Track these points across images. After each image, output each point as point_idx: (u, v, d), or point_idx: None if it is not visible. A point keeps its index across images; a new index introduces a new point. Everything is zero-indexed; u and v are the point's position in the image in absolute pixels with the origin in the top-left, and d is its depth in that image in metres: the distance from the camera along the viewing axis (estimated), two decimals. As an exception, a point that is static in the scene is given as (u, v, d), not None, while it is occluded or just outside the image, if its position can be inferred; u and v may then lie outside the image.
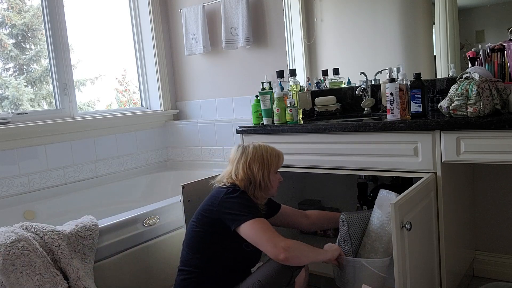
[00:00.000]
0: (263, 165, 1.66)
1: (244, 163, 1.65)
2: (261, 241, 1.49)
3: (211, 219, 1.58)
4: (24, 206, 2.37)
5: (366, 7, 2.37)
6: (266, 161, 1.67)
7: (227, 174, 1.69)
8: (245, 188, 1.64)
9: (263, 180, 1.65)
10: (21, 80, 2.62)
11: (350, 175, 2.14)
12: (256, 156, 1.66)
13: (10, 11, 2.62)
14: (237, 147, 1.72)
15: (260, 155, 1.67)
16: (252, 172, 1.64)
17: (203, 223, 1.59)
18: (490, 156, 1.58)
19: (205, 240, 1.58)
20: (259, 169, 1.65)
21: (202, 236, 1.59)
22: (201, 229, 1.59)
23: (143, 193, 2.94)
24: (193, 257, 1.59)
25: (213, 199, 1.61)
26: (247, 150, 1.68)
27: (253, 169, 1.64)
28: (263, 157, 1.67)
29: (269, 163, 1.68)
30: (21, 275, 1.52)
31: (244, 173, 1.64)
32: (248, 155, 1.67)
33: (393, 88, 1.78)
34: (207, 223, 1.59)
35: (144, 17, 3.18)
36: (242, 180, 1.64)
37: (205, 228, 1.58)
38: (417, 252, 1.54)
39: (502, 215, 2.11)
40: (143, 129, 3.12)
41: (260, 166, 1.65)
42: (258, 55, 2.81)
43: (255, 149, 1.68)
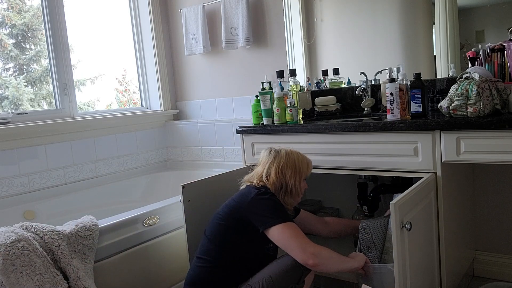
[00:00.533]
0: (295, 171, 1.69)
1: (277, 168, 1.67)
2: (291, 246, 1.50)
3: (238, 216, 1.59)
4: (24, 206, 2.37)
5: (366, 7, 2.37)
6: (298, 168, 1.70)
7: (257, 175, 1.70)
8: (275, 192, 1.66)
9: (294, 186, 1.68)
10: (21, 80, 2.62)
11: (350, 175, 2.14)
12: (289, 162, 1.69)
13: (10, 11, 2.62)
14: (269, 151, 1.74)
15: (292, 161, 1.70)
16: (285, 177, 1.67)
17: (229, 218, 1.61)
18: (490, 156, 1.58)
19: (228, 235, 1.60)
20: (291, 175, 1.68)
21: (225, 231, 1.61)
22: (226, 223, 1.61)
23: (143, 193, 2.94)
24: (213, 248, 1.61)
25: (243, 197, 1.62)
26: (280, 155, 1.71)
27: (286, 174, 1.67)
28: (295, 164, 1.70)
29: (300, 170, 1.70)
30: (21, 275, 1.52)
31: (277, 177, 1.66)
32: (281, 160, 1.69)
33: (393, 88, 1.78)
34: (233, 219, 1.60)
35: (144, 17, 3.18)
36: (274, 183, 1.66)
37: (230, 224, 1.60)
38: (417, 252, 1.54)
39: (502, 215, 2.11)
40: (143, 129, 3.12)
41: (293, 173, 1.68)
42: (258, 55, 2.81)
43: (287, 155, 1.71)
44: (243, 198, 1.61)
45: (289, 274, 1.54)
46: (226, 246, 1.60)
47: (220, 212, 1.66)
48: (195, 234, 1.87)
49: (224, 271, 1.59)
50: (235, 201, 1.64)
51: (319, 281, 2.06)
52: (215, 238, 1.63)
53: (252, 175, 1.73)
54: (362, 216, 2.27)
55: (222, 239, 1.61)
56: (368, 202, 2.19)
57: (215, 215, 1.68)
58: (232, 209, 1.62)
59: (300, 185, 1.71)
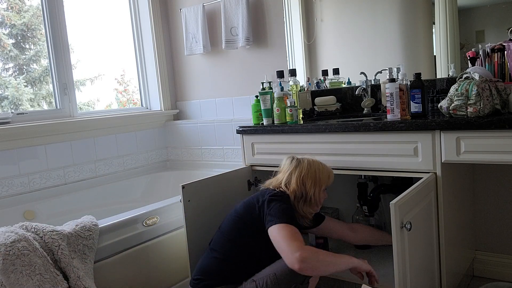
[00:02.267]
0: (315, 182, 1.71)
1: (298, 176, 1.70)
2: (281, 248, 1.50)
3: (253, 214, 1.62)
4: (24, 206, 2.37)
5: (366, 7, 2.37)
6: (319, 178, 1.72)
7: (277, 181, 1.74)
8: (294, 200, 1.69)
9: (314, 196, 1.70)
10: (20, 80, 2.62)
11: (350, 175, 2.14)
12: (310, 172, 1.71)
13: (9, 11, 2.62)
14: (291, 159, 1.77)
15: (313, 171, 1.72)
16: (305, 187, 1.69)
17: (245, 215, 1.64)
18: (490, 156, 1.58)
19: (243, 231, 1.64)
20: (311, 185, 1.70)
21: (241, 227, 1.64)
22: (242, 220, 1.65)
23: (143, 193, 2.94)
24: (227, 243, 1.65)
25: (259, 196, 1.66)
26: (301, 164, 1.73)
27: (306, 184, 1.69)
28: (315, 174, 1.72)
29: (321, 181, 1.73)
30: (21, 275, 1.52)
31: (297, 186, 1.69)
32: (302, 169, 1.72)
33: (393, 88, 1.78)
34: (249, 217, 1.63)
35: (144, 17, 3.18)
36: (294, 191, 1.69)
37: (246, 221, 1.64)
38: (417, 252, 1.54)
39: (502, 215, 2.11)
40: (143, 129, 3.12)
41: (313, 183, 1.70)
42: (258, 55, 2.81)
43: (309, 165, 1.73)
44: (259, 198, 1.65)
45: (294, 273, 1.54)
46: (240, 242, 1.63)
47: (238, 209, 1.70)
48: (195, 234, 1.87)
49: (235, 266, 1.62)
50: (252, 199, 1.68)
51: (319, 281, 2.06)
52: (230, 233, 1.66)
53: (272, 181, 1.76)
54: (362, 216, 2.27)
55: (237, 235, 1.64)
56: (368, 202, 2.19)
57: (233, 211, 1.72)
58: (249, 207, 1.65)
59: (319, 195, 1.73)
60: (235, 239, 1.65)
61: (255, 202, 1.65)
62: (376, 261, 2.11)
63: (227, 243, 1.66)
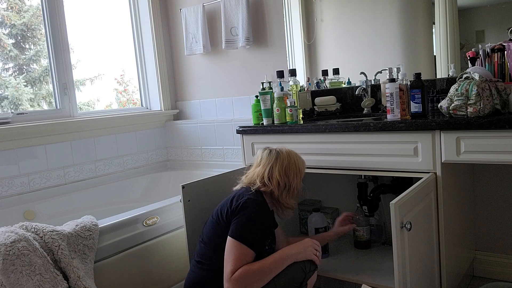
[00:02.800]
0: (296, 172, 1.70)
1: (280, 168, 1.67)
2: (226, 260, 1.49)
3: (228, 218, 1.57)
4: (24, 206, 2.37)
5: (366, 7, 2.37)
6: (299, 169, 1.71)
7: (259, 175, 1.68)
8: (278, 192, 1.65)
9: (297, 186, 1.70)
10: (20, 80, 2.62)
11: (350, 175, 2.14)
12: (291, 163, 1.70)
13: (9, 11, 2.62)
14: (269, 151, 1.73)
15: (293, 162, 1.71)
16: (288, 178, 1.67)
17: (223, 221, 1.59)
18: (490, 156, 1.58)
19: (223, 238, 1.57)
20: (294, 176, 1.69)
21: (221, 233, 1.59)
22: (220, 226, 1.59)
23: (143, 193, 2.94)
24: (210, 252, 1.60)
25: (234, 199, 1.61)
26: (281, 156, 1.70)
27: (289, 175, 1.68)
28: (296, 165, 1.71)
29: (301, 171, 1.73)
30: (21, 275, 1.52)
31: (281, 178, 1.66)
32: (283, 161, 1.69)
33: (393, 88, 1.78)
34: (224, 222, 1.58)
35: (144, 17, 3.18)
36: (277, 183, 1.65)
37: (224, 227, 1.58)
38: (417, 252, 1.54)
39: (502, 215, 2.11)
40: (143, 129, 3.12)
41: (295, 174, 1.69)
42: (258, 55, 2.81)
43: (289, 156, 1.71)
44: (233, 201, 1.59)
45: (292, 276, 1.53)
46: (220, 247, 1.56)
47: (214, 216, 1.65)
48: (195, 234, 1.87)
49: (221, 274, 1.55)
50: (226, 203, 1.62)
51: (319, 281, 2.06)
52: (211, 241, 1.62)
53: (252, 176, 1.70)
54: (362, 216, 2.27)
55: (219, 242, 1.58)
56: (368, 202, 2.19)
57: (210, 219, 1.67)
58: (224, 211, 1.60)
59: (300, 185, 1.72)
60: (218, 246, 1.58)
61: (228, 206, 1.59)
62: (376, 261, 2.11)
63: (212, 252, 1.60)
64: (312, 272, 1.61)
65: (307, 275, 1.57)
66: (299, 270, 1.54)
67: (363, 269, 2.03)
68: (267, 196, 1.67)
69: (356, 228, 2.28)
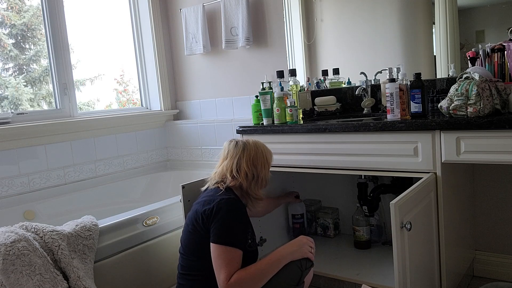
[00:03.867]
0: (264, 163, 1.69)
1: (247, 159, 1.65)
2: (217, 268, 1.46)
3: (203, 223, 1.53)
4: (24, 206, 2.37)
5: (366, 7, 2.37)
6: (266, 159, 1.70)
7: (228, 168, 1.65)
8: (247, 183, 1.63)
9: (265, 177, 1.69)
10: (20, 80, 2.62)
11: (350, 175, 2.14)
12: (258, 154, 1.68)
13: (9, 11, 2.62)
14: (235, 143, 1.70)
15: (261, 152, 1.69)
16: (256, 168, 1.66)
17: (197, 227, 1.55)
18: (490, 156, 1.58)
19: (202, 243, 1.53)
20: (262, 166, 1.67)
21: (198, 239, 1.54)
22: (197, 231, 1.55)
23: (143, 193, 2.94)
24: (192, 261, 1.56)
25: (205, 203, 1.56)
26: (248, 146, 1.68)
27: (257, 166, 1.66)
28: (263, 155, 1.69)
29: (268, 161, 1.72)
30: (21, 275, 1.52)
31: (248, 169, 1.64)
32: (250, 151, 1.67)
33: (393, 88, 1.78)
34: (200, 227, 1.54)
35: (144, 17, 3.18)
36: (245, 175, 1.63)
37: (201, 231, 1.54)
38: (417, 252, 1.54)
39: (502, 215, 2.11)
40: (143, 129, 3.12)
41: (263, 164, 1.68)
42: (258, 55, 2.81)
43: (256, 146, 1.69)
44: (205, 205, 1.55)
45: (288, 275, 1.53)
46: (205, 255, 1.52)
47: (189, 224, 1.59)
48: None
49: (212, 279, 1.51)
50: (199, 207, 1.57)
51: (319, 281, 2.06)
52: (191, 251, 1.57)
53: (222, 171, 1.67)
54: (362, 216, 2.28)
55: (199, 249, 1.54)
56: (368, 202, 2.19)
57: (185, 228, 1.62)
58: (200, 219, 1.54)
59: (268, 175, 1.72)
60: (200, 253, 1.53)
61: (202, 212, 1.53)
62: (376, 261, 2.12)
63: (195, 261, 1.55)
64: (309, 269, 1.60)
65: (303, 273, 1.57)
66: (295, 268, 1.54)
67: (363, 269, 2.04)
68: (237, 190, 1.64)
69: (356, 228, 2.29)
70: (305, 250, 1.58)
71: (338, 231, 2.53)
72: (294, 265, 1.54)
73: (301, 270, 1.55)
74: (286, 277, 1.52)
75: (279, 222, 2.45)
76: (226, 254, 1.46)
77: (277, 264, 1.52)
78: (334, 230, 2.50)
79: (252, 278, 1.46)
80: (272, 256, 1.53)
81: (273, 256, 1.53)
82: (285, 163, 2.09)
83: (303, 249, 1.57)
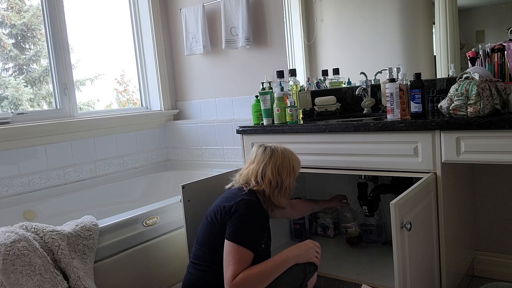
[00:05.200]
0: (290, 171, 1.68)
1: (273, 167, 1.65)
2: (226, 264, 1.48)
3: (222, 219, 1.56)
4: (24, 206, 2.37)
5: (366, 7, 2.37)
6: (292, 167, 1.69)
7: (253, 173, 1.66)
8: (270, 190, 1.64)
9: (289, 186, 1.68)
10: (20, 80, 2.62)
11: (350, 175, 2.14)
12: (284, 162, 1.67)
13: (9, 11, 2.62)
14: (264, 148, 1.71)
15: (287, 161, 1.68)
16: (281, 177, 1.65)
17: (216, 222, 1.57)
18: (490, 156, 1.58)
19: (218, 238, 1.56)
20: (287, 175, 1.66)
21: (215, 234, 1.57)
22: (214, 226, 1.58)
23: (143, 193, 2.94)
24: (206, 253, 1.59)
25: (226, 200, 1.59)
26: (276, 154, 1.68)
27: (282, 174, 1.65)
28: (290, 164, 1.68)
29: (294, 169, 1.70)
30: (21, 275, 1.52)
31: (273, 177, 1.64)
32: (277, 159, 1.67)
33: (393, 88, 1.78)
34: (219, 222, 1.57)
35: (144, 17, 3.18)
36: (269, 182, 1.63)
37: (218, 227, 1.56)
38: (417, 252, 1.54)
39: (502, 215, 2.11)
40: (143, 129, 3.12)
41: (288, 173, 1.67)
42: (258, 55, 2.81)
43: (283, 154, 1.69)
44: (226, 203, 1.58)
45: (291, 278, 1.52)
46: (218, 249, 1.55)
47: (208, 217, 1.63)
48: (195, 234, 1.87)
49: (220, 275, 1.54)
50: (221, 203, 1.61)
51: (319, 281, 2.06)
52: (206, 242, 1.60)
53: (247, 174, 1.69)
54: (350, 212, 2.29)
55: (213, 243, 1.58)
56: (368, 202, 2.19)
57: (204, 220, 1.65)
58: (218, 212, 1.58)
59: (293, 184, 1.71)
60: (214, 247, 1.57)
61: (222, 208, 1.57)
62: (376, 261, 2.12)
63: (208, 253, 1.59)
64: (312, 273, 1.60)
65: (307, 276, 1.57)
66: (299, 271, 1.54)
67: (363, 269, 2.04)
68: (260, 194, 1.65)
69: (346, 225, 2.31)
70: (311, 255, 1.58)
71: (338, 231, 2.53)
72: (298, 268, 1.54)
73: (305, 273, 1.55)
74: (289, 280, 1.52)
75: (279, 222, 2.45)
76: (237, 253, 1.48)
77: (282, 266, 1.52)
78: (334, 230, 2.50)
79: (257, 278, 1.47)
80: (278, 257, 1.54)
81: (279, 258, 1.54)
82: (285, 163, 2.09)
83: (308, 253, 1.57)
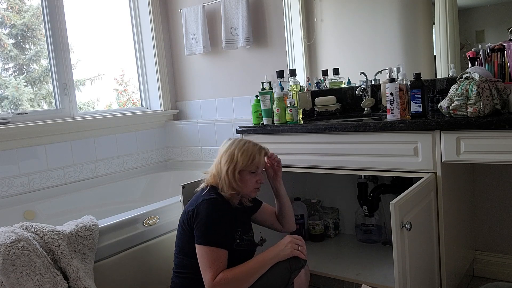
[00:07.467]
0: (231, 160, 1.58)
1: (219, 157, 1.63)
2: (202, 268, 1.48)
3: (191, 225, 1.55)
4: (24, 206, 2.37)
5: (366, 7, 2.37)
6: (235, 157, 1.58)
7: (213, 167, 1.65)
8: (218, 184, 1.60)
9: (227, 176, 1.57)
10: (20, 80, 2.62)
11: (350, 175, 2.14)
12: (229, 150, 1.60)
13: (9, 11, 2.62)
14: (227, 140, 1.67)
15: (232, 150, 1.60)
16: (221, 165, 1.60)
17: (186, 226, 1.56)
18: (490, 156, 1.58)
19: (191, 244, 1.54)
20: (225, 163, 1.59)
21: (188, 239, 1.55)
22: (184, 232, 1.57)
23: (143, 193, 2.94)
24: (184, 259, 1.58)
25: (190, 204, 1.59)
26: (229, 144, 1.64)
27: (222, 162, 1.60)
28: (233, 153, 1.59)
29: (237, 160, 1.58)
30: (21, 275, 1.52)
31: (216, 167, 1.62)
32: (228, 148, 1.61)
33: (393, 88, 1.78)
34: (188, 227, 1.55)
35: (144, 17, 3.18)
36: (217, 173, 1.61)
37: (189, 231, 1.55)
38: (417, 252, 1.54)
39: (502, 215, 2.11)
40: (143, 129, 3.12)
41: (227, 161, 1.58)
42: (258, 55, 2.81)
43: (234, 144, 1.63)
44: (189, 206, 1.57)
45: (277, 276, 1.51)
46: (193, 254, 1.53)
47: (180, 223, 1.61)
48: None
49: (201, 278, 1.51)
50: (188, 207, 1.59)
51: (319, 281, 2.06)
52: (181, 249, 1.59)
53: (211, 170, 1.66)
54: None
55: (188, 248, 1.56)
56: (368, 202, 2.19)
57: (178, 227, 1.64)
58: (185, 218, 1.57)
59: (234, 176, 1.57)
60: (189, 253, 1.54)
61: (187, 211, 1.56)
62: (376, 261, 2.12)
63: (185, 260, 1.57)
64: (299, 270, 1.57)
65: (292, 274, 1.54)
66: (283, 269, 1.52)
67: (363, 269, 2.04)
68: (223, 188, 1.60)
69: (314, 222, 2.40)
70: (289, 250, 1.53)
71: (338, 231, 2.53)
72: (283, 266, 1.52)
73: (290, 271, 1.53)
74: (275, 278, 1.51)
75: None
76: (210, 254, 1.47)
77: (262, 265, 1.51)
78: (334, 230, 2.50)
79: (237, 278, 1.46)
80: (258, 257, 1.54)
81: (259, 257, 1.53)
82: (285, 163, 2.08)
83: (287, 249, 1.53)
